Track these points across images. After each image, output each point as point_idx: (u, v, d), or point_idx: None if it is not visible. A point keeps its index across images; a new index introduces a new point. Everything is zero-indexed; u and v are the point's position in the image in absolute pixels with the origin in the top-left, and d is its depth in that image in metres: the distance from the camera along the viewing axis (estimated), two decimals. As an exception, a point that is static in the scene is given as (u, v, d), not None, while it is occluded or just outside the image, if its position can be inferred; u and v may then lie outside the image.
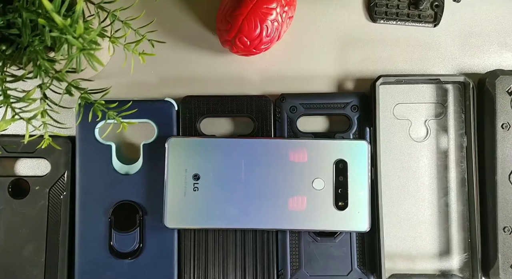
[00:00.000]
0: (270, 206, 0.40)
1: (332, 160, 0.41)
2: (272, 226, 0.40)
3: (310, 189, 0.41)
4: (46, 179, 0.42)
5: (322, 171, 0.41)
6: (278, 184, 0.41)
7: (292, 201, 0.40)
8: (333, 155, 0.41)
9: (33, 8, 0.28)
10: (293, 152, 0.41)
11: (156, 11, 0.45)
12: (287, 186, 0.41)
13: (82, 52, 0.29)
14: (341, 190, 0.41)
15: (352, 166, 0.41)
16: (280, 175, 0.41)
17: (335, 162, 0.41)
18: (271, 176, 0.41)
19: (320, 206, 0.41)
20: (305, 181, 0.41)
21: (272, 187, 0.41)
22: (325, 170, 0.41)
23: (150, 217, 0.42)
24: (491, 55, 0.46)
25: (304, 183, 0.41)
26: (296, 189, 0.41)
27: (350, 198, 0.41)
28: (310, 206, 0.41)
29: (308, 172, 0.41)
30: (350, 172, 0.41)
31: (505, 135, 0.42)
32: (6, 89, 0.32)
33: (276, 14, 0.39)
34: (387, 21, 0.45)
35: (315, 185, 0.41)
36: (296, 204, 0.40)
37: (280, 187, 0.41)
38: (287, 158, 0.41)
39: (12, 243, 0.42)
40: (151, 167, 0.42)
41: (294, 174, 0.41)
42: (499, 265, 0.41)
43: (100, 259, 0.41)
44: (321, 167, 0.41)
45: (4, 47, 0.30)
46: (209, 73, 0.45)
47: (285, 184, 0.41)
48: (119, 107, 0.38)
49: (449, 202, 0.44)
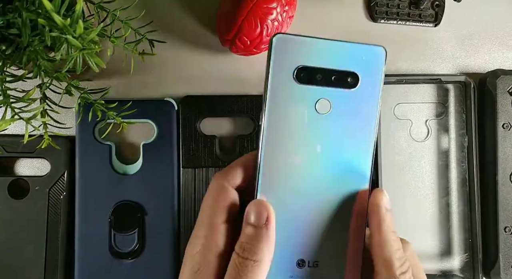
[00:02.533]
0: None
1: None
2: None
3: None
4: (46, 179, 0.42)
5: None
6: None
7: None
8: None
9: (33, 8, 0.28)
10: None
11: (156, 11, 0.45)
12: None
13: (82, 52, 0.29)
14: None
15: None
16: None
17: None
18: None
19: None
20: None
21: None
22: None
23: (150, 217, 0.42)
24: (492, 54, 0.46)
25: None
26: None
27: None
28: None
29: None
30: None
31: (506, 135, 0.42)
32: (6, 89, 0.32)
33: (276, 13, 0.39)
34: (387, 21, 0.45)
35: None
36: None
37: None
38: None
39: (12, 243, 0.42)
40: (151, 167, 0.42)
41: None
42: (500, 265, 0.41)
43: (100, 259, 0.41)
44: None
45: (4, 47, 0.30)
46: (209, 73, 0.45)
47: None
48: (119, 107, 0.38)
49: (450, 202, 0.44)
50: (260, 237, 0.26)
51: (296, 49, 0.28)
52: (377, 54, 0.29)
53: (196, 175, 0.43)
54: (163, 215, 0.42)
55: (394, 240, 0.28)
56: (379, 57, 0.29)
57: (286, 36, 0.28)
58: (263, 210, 0.27)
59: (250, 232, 0.26)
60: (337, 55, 0.29)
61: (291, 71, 0.28)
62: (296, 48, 0.28)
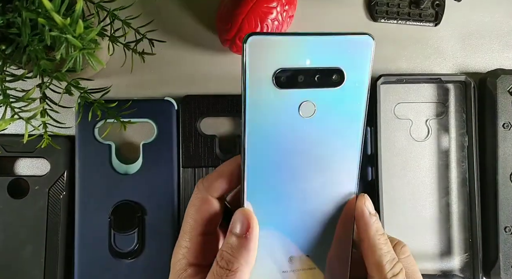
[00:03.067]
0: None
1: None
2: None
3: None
4: (45, 179, 0.42)
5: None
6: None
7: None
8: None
9: (32, 7, 0.28)
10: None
11: (156, 10, 0.45)
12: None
13: (82, 52, 0.29)
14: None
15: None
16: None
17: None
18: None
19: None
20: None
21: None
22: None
23: (150, 217, 0.42)
24: (492, 54, 0.46)
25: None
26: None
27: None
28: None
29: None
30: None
31: (506, 135, 0.42)
32: (6, 88, 0.31)
33: (276, 13, 0.39)
34: (388, 20, 0.45)
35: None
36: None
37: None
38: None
39: (11, 243, 0.42)
40: (151, 166, 0.42)
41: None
42: (500, 265, 0.41)
43: (100, 259, 0.41)
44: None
45: (4, 47, 0.30)
46: (209, 72, 0.45)
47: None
48: (119, 107, 0.38)
49: (450, 202, 0.44)
50: (239, 247, 0.26)
51: (273, 51, 0.25)
52: (363, 44, 0.26)
53: (196, 175, 0.42)
54: (163, 215, 0.42)
55: (383, 244, 0.28)
56: (365, 48, 0.26)
57: (260, 37, 0.24)
58: (245, 220, 0.27)
59: (232, 241, 0.27)
60: (319, 51, 0.25)
61: (269, 75, 0.25)
62: (272, 49, 0.25)
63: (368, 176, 0.43)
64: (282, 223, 0.28)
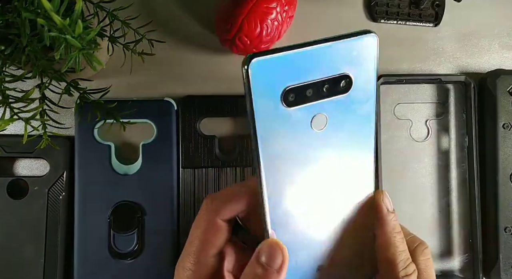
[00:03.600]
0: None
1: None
2: None
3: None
4: (45, 180, 0.42)
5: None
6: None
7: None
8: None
9: (32, 7, 0.28)
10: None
11: (155, 10, 0.45)
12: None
13: (81, 52, 0.29)
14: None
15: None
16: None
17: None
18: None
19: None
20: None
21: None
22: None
23: (149, 217, 0.42)
24: (492, 54, 0.46)
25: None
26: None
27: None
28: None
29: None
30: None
31: (506, 135, 0.42)
32: (5, 89, 0.31)
33: (276, 13, 0.39)
34: (387, 21, 0.45)
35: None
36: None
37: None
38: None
39: (11, 244, 0.42)
40: (150, 167, 0.42)
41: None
42: (500, 265, 0.41)
43: (100, 260, 0.41)
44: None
45: (3, 47, 0.30)
46: (209, 73, 0.45)
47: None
48: (118, 107, 0.38)
49: (450, 203, 0.44)
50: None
51: (277, 70, 0.23)
52: (366, 44, 0.25)
53: (196, 175, 0.42)
54: (162, 215, 0.42)
55: (398, 242, 0.28)
56: (369, 47, 0.25)
57: (263, 59, 0.23)
58: (278, 254, 0.25)
59: (260, 272, 0.25)
60: (324, 61, 0.24)
61: (277, 96, 0.23)
62: (277, 69, 0.23)
63: (368, 177, 0.43)
64: (307, 239, 0.28)
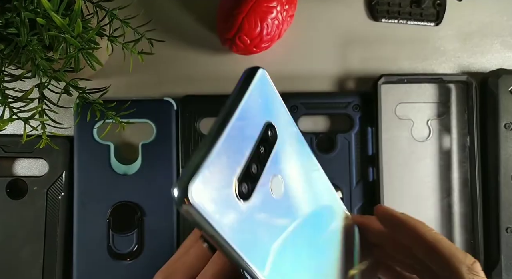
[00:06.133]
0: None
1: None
2: None
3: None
4: (44, 180, 0.42)
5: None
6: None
7: None
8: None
9: (31, 7, 0.28)
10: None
11: (155, 9, 0.44)
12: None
13: (81, 51, 0.29)
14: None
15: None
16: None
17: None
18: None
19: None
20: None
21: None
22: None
23: (149, 218, 0.42)
24: (494, 54, 0.46)
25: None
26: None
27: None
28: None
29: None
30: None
31: (508, 135, 0.42)
32: (4, 88, 0.31)
33: (276, 12, 0.39)
34: (389, 20, 0.45)
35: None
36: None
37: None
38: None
39: (10, 244, 0.42)
40: (150, 167, 0.42)
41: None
42: (501, 266, 0.41)
43: (99, 261, 0.41)
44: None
45: (2, 46, 0.30)
46: (209, 72, 0.45)
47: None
48: (118, 107, 0.38)
49: (452, 203, 0.43)
50: None
51: (215, 181, 0.19)
52: (263, 82, 0.22)
53: (196, 176, 0.42)
54: (162, 215, 0.42)
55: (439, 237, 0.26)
56: (266, 84, 0.22)
57: (198, 183, 0.17)
58: None
59: None
60: (241, 132, 0.20)
61: (231, 189, 0.19)
62: (213, 180, 0.19)
63: (369, 177, 0.43)
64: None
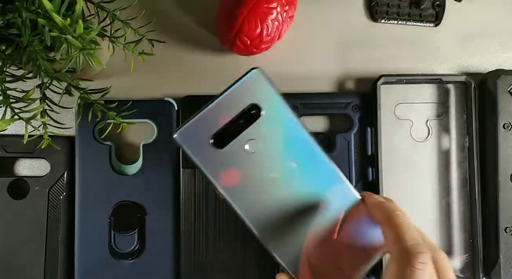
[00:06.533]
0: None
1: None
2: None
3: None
4: (45, 180, 0.42)
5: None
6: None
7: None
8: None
9: (33, 7, 0.28)
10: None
11: (156, 10, 0.45)
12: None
13: (82, 52, 0.29)
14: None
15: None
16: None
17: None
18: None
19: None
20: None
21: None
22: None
23: (150, 217, 0.42)
24: (493, 54, 0.46)
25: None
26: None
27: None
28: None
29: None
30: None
31: (507, 135, 0.42)
32: (6, 89, 0.31)
33: (276, 13, 0.39)
34: (388, 21, 0.45)
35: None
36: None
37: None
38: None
39: (11, 244, 0.42)
40: (151, 167, 0.42)
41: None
42: (500, 265, 0.41)
43: (100, 260, 0.41)
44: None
45: (4, 47, 0.30)
46: (209, 73, 0.45)
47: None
48: (119, 107, 0.38)
49: (451, 203, 0.44)
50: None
51: (199, 131, 0.30)
52: (255, 77, 0.32)
53: (196, 175, 0.42)
54: (163, 215, 0.42)
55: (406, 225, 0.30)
56: (259, 78, 0.32)
57: (185, 127, 0.30)
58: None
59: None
60: (232, 104, 0.31)
61: (207, 140, 0.30)
62: (199, 130, 0.30)
63: (368, 177, 0.43)
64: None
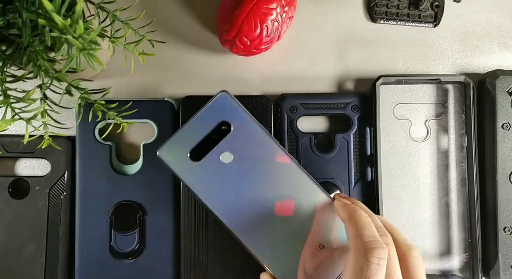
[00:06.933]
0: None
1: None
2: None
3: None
4: (46, 179, 0.42)
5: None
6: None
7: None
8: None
9: (33, 8, 0.28)
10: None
11: (156, 11, 0.45)
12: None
13: (82, 52, 0.29)
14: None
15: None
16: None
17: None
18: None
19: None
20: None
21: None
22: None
23: (150, 217, 0.42)
24: (492, 55, 0.46)
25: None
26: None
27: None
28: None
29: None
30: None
31: (506, 135, 0.42)
32: (6, 89, 0.32)
33: (276, 14, 0.39)
34: (387, 21, 0.45)
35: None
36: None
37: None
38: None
39: (12, 244, 0.42)
40: (151, 167, 0.42)
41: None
42: (499, 265, 0.41)
43: (100, 260, 0.41)
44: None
45: (4, 47, 0.30)
46: (209, 73, 0.45)
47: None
48: (119, 107, 0.38)
49: (450, 202, 0.44)
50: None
51: (179, 145, 0.35)
52: (223, 98, 0.36)
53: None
54: (163, 215, 0.42)
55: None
56: (226, 99, 0.36)
57: (166, 146, 0.36)
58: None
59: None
60: (205, 122, 0.36)
61: (186, 155, 0.35)
62: (178, 145, 0.35)
63: (367, 177, 0.43)
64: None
